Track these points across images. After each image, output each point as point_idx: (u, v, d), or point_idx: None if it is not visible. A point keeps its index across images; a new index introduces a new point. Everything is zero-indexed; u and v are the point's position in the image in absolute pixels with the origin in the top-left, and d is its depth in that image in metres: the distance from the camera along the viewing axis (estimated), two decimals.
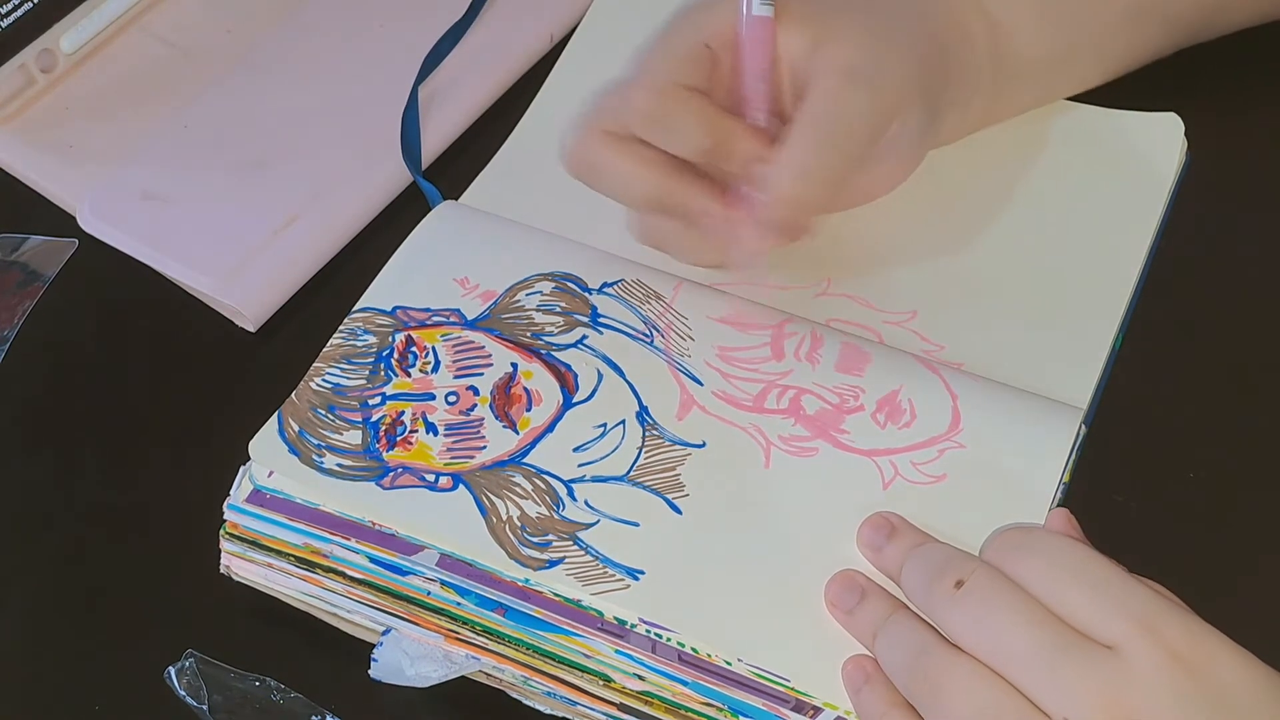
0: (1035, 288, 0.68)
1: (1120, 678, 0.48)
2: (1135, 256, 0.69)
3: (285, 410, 0.63)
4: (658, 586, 0.57)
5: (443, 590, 0.59)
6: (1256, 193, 0.73)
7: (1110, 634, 0.49)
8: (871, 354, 0.64)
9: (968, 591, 0.52)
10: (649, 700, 0.57)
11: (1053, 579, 0.51)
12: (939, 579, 0.53)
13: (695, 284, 0.67)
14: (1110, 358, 0.66)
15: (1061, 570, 0.51)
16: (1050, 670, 0.49)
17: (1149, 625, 0.49)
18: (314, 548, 0.61)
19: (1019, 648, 0.49)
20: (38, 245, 0.77)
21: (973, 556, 0.54)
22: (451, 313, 0.65)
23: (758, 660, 0.56)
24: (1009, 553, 0.53)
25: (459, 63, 0.80)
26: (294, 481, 0.61)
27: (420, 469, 0.61)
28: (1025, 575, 0.51)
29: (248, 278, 0.72)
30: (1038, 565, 0.51)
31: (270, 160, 0.77)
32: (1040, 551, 0.52)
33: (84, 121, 0.80)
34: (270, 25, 0.83)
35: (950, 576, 0.52)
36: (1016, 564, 0.52)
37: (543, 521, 0.59)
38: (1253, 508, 0.64)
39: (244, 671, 0.61)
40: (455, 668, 0.59)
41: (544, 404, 0.62)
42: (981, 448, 0.60)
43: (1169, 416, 0.66)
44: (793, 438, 0.61)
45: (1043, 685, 0.49)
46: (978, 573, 0.52)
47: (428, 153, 0.77)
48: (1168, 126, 0.72)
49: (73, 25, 0.80)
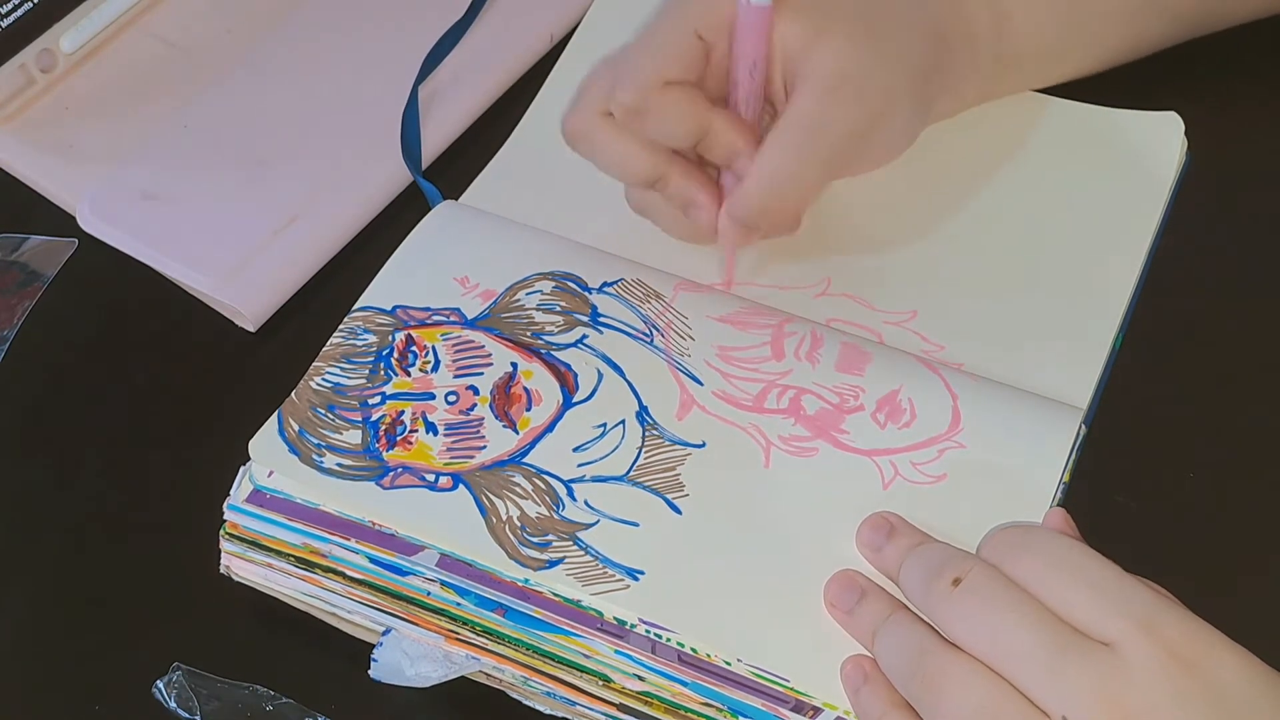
0: (1035, 287, 0.68)
1: (1119, 676, 0.48)
2: (1135, 256, 0.69)
3: (285, 410, 0.63)
4: (657, 587, 0.57)
5: (442, 590, 0.59)
6: (1256, 192, 0.73)
7: (1108, 632, 0.49)
8: (871, 354, 0.64)
9: (965, 590, 0.51)
10: (648, 700, 0.57)
11: (1050, 577, 0.51)
12: (937, 578, 0.53)
13: (695, 283, 0.67)
14: (1110, 358, 0.66)
15: (1059, 569, 0.51)
16: (1049, 669, 0.49)
17: (1147, 624, 0.48)
18: (314, 548, 0.60)
19: (1017, 646, 0.49)
20: (38, 245, 0.77)
21: (971, 555, 0.54)
22: (451, 312, 0.65)
23: (757, 660, 0.56)
24: (1007, 551, 0.53)
25: (459, 63, 0.79)
26: (294, 481, 0.61)
27: (420, 469, 0.61)
28: (1023, 574, 0.51)
29: (248, 278, 0.72)
30: (1035, 564, 0.51)
31: (270, 160, 0.77)
32: (1038, 550, 0.52)
33: (84, 121, 0.80)
34: (270, 25, 0.82)
35: (948, 575, 0.52)
36: (1015, 563, 0.52)
37: (542, 521, 0.59)
38: (1252, 507, 0.64)
39: (234, 682, 0.61)
40: (455, 668, 0.59)
41: (544, 404, 0.62)
42: (981, 448, 0.60)
43: (1169, 416, 0.66)
44: (793, 438, 0.61)
45: (1041, 684, 0.49)
46: (975, 571, 0.52)
47: (428, 153, 0.77)
48: (1168, 125, 0.72)
49: (73, 25, 0.80)
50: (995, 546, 0.53)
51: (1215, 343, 0.69)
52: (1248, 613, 0.52)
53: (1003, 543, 0.53)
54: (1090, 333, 0.66)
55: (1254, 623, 0.51)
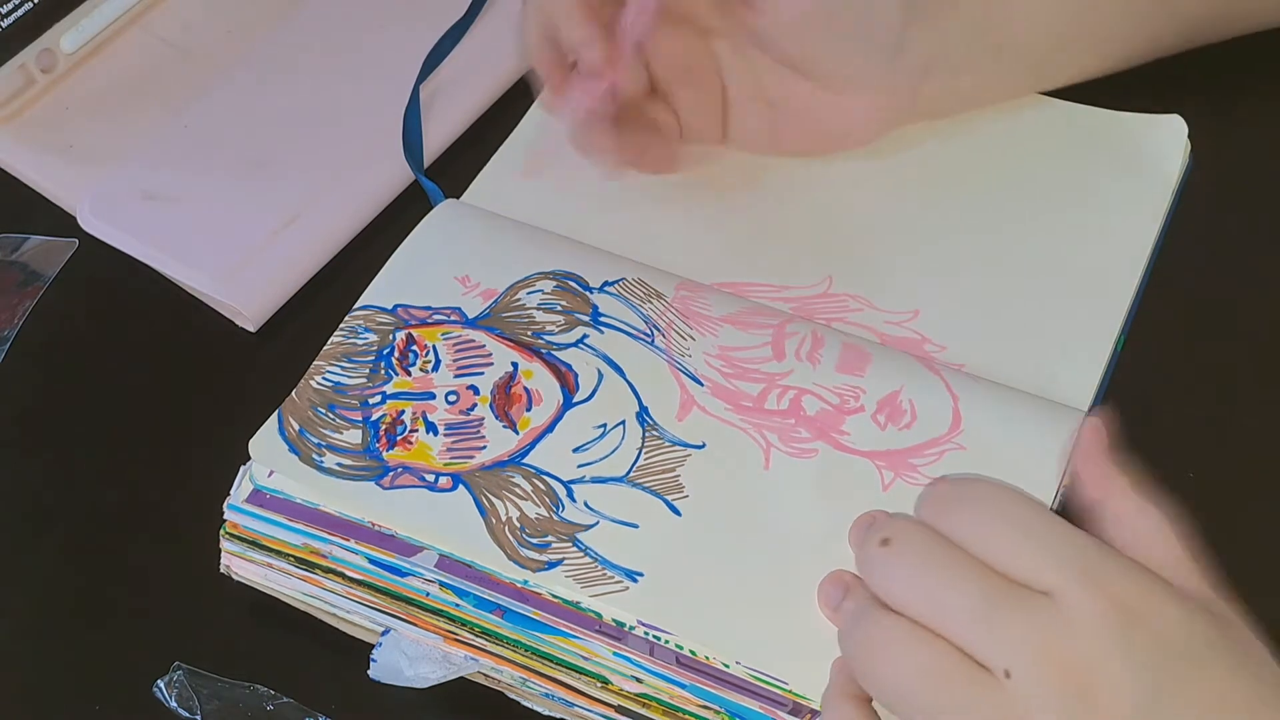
0: (1038, 289, 0.68)
1: (1059, 625, 0.46)
2: (1138, 259, 0.68)
3: (285, 409, 0.63)
4: (656, 588, 0.57)
5: (441, 591, 0.59)
6: (1259, 195, 0.73)
7: (1046, 582, 0.47)
8: (872, 354, 0.63)
9: (895, 550, 0.49)
10: (646, 703, 0.57)
11: (985, 530, 0.49)
12: (867, 540, 0.50)
13: (697, 283, 0.66)
14: (1112, 360, 0.66)
15: (994, 520, 0.49)
16: (986, 624, 0.47)
17: (1086, 572, 0.47)
18: (313, 548, 0.60)
19: (951, 603, 0.47)
20: (38, 245, 0.77)
21: (901, 515, 0.51)
22: (452, 311, 0.65)
23: (755, 663, 0.55)
24: (941, 506, 0.50)
25: (459, 62, 0.79)
26: (293, 480, 0.61)
27: (420, 469, 0.61)
28: (954, 528, 0.49)
29: (248, 278, 0.72)
30: (969, 517, 0.49)
31: (270, 160, 0.76)
32: (972, 503, 0.50)
33: (84, 121, 0.80)
34: (270, 25, 0.82)
35: (877, 534, 0.50)
36: (949, 517, 0.50)
37: (542, 523, 0.59)
38: (1253, 508, 0.64)
39: (234, 681, 0.61)
40: (454, 669, 0.59)
41: (544, 404, 0.62)
42: (982, 449, 0.60)
43: (1170, 416, 0.66)
44: (793, 439, 0.61)
45: (980, 639, 0.47)
46: (903, 529, 0.50)
47: (428, 152, 0.77)
48: (1171, 128, 0.71)
49: (73, 25, 0.80)
50: (930, 503, 0.51)
51: (1216, 344, 0.69)
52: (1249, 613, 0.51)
53: (937, 497, 0.51)
54: (1093, 335, 0.66)
55: (1255, 623, 0.50)
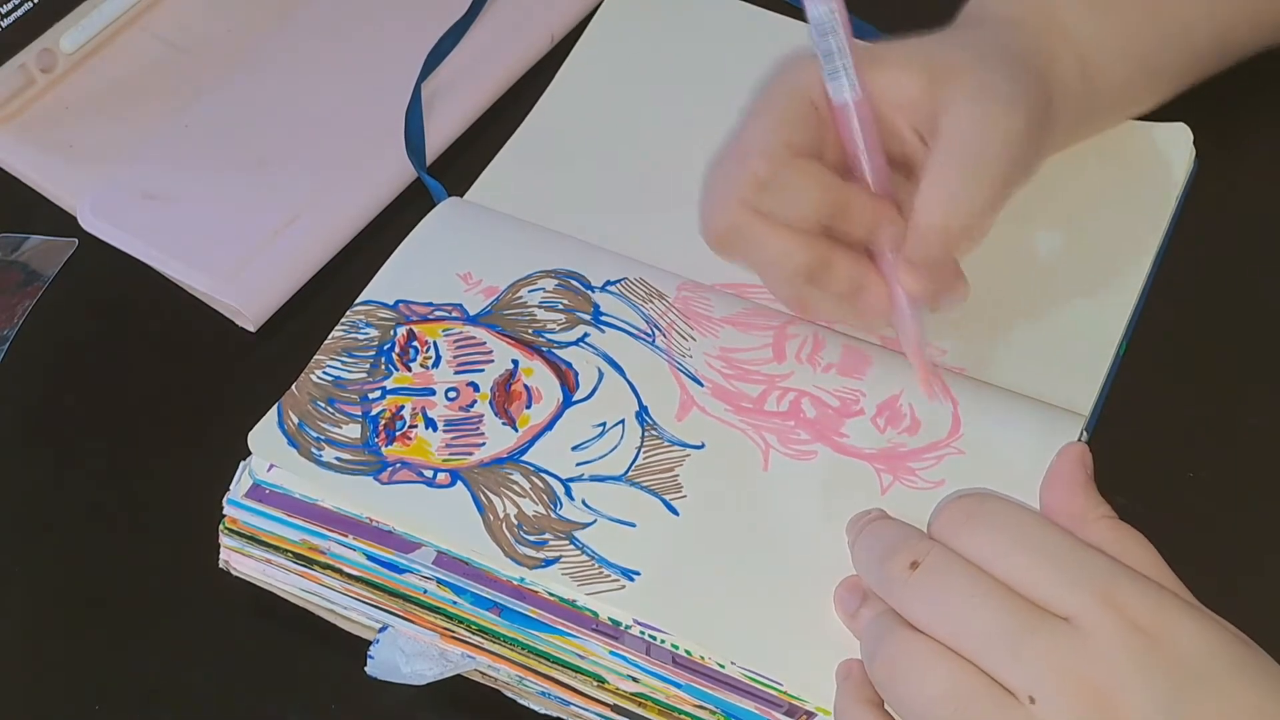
0: (1040, 295, 0.68)
1: (1083, 651, 0.47)
2: (1141, 265, 0.69)
3: (285, 402, 0.63)
4: (653, 588, 0.57)
5: (439, 589, 0.59)
6: (1263, 202, 0.73)
7: (1067, 606, 0.48)
8: (873, 357, 0.63)
9: (923, 573, 0.50)
10: (642, 702, 0.57)
11: (1005, 552, 0.50)
12: (890, 559, 0.51)
13: (698, 284, 0.66)
14: (1114, 366, 0.66)
15: (1015, 543, 0.50)
16: (1011, 650, 0.48)
17: (1106, 595, 0.48)
18: (312, 544, 0.60)
19: (979, 627, 0.48)
20: (38, 245, 0.77)
21: (924, 535, 0.52)
22: (454, 308, 0.65)
23: (752, 663, 0.55)
24: (960, 527, 0.51)
25: (460, 61, 0.79)
26: (292, 474, 0.61)
27: (419, 464, 0.61)
28: (977, 550, 0.50)
29: (248, 277, 0.72)
30: (990, 538, 0.50)
31: (270, 160, 0.77)
32: (991, 523, 0.51)
33: (84, 121, 0.80)
34: (270, 25, 0.83)
35: (903, 557, 0.51)
36: (969, 537, 0.51)
37: (540, 520, 0.59)
38: (1254, 508, 0.64)
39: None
40: (451, 666, 0.59)
41: (544, 402, 0.62)
42: (981, 454, 0.60)
43: (1171, 418, 0.66)
44: (792, 440, 0.61)
45: (1005, 665, 0.48)
46: (932, 553, 0.51)
47: (430, 151, 0.77)
48: (1176, 136, 0.72)
49: (73, 25, 0.80)
50: (947, 521, 0.52)
51: (1217, 347, 0.69)
52: (1250, 614, 0.51)
53: (954, 516, 0.52)
54: (1095, 340, 0.66)
55: (1254, 623, 0.50)
